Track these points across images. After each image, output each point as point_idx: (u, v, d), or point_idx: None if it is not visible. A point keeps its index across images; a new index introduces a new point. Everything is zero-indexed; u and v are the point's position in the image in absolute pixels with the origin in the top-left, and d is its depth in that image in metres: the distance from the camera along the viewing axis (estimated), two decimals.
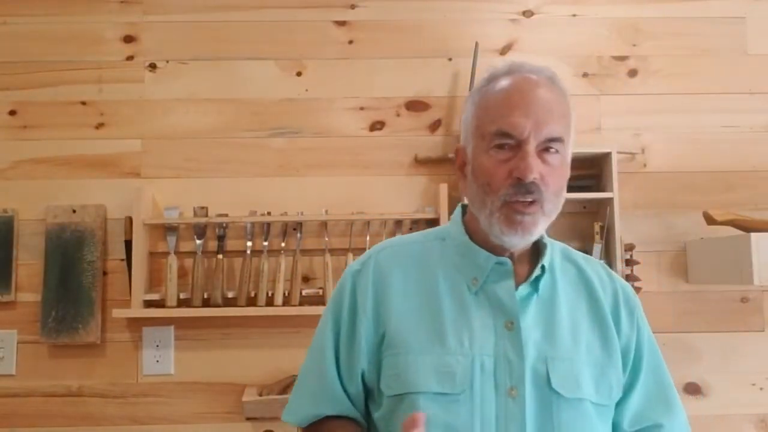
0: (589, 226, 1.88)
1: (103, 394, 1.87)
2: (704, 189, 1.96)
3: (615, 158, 1.83)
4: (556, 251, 1.05)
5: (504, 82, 0.95)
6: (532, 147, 0.91)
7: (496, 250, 0.98)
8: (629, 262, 1.83)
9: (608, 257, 1.83)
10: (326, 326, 1.06)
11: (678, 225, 1.94)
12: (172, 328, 1.88)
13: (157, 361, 1.87)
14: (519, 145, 0.92)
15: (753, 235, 1.62)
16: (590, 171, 1.91)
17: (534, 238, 0.96)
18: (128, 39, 1.98)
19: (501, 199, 0.92)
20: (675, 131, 1.98)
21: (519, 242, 0.96)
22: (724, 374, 1.90)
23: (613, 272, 1.08)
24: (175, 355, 1.88)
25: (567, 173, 0.98)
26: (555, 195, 0.95)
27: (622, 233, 1.84)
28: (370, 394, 1.01)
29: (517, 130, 0.91)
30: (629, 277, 1.82)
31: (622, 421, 1.01)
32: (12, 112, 1.95)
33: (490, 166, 0.93)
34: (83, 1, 1.98)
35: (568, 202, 1.94)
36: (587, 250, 1.84)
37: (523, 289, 0.97)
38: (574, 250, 1.09)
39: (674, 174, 1.97)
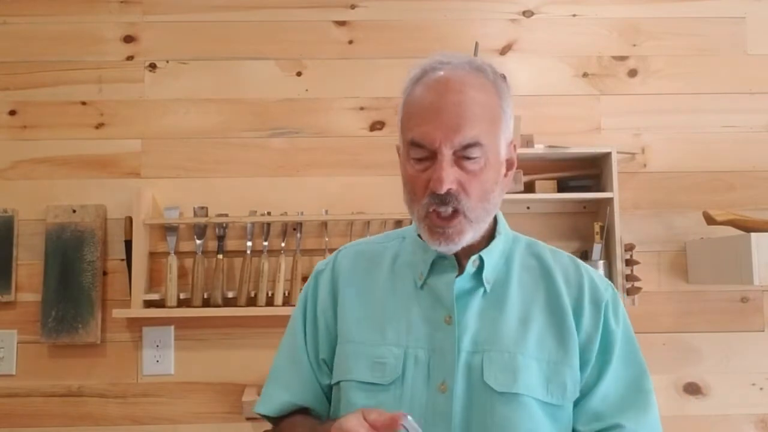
0: (589, 226, 1.88)
1: (103, 394, 1.87)
2: (704, 189, 1.96)
3: (615, 158, 1.83)
4: (519, 244, 1.03)
5: (420, 87, 0.93)
6: (446, 156, 0.87)
7: None
8: (629, 262, 1.83)
9: (608, 257, 1.83)
10: (295, 321, 1.09)
11: (678, 225, 1.95)
12: (172, 328, 1.88)
13: (157, 361, 1.87)
14: (434, 155, 0.89)
15: (753, 235, 1.62)
16: (590, 171, 1.91)
17: (462, 245, 0.93)
18: (128, 39, 1.98)
19: (423, 209, 0.91)
20: (675, 131, 1.98)
21: (447, 251, 0.93)
22: (724, 374, 1.90)
23: (586, 267, 1.02)
24: (175, 355, 1.88)
25: (494, 174, 0.92)
26: (479, 201, 0.90)
27: (622, 233, 1.84)
28: None
29: (427, 140, 0.88)
30: (629, 277, 1.82)
31: (577, 420, 0.95)
32: (12, 112, 1.95)
33: (412, 176, 0.92)
34: (83, 1, 1.98)
35: (568, 202, 1.97)
36: (587, 250, 1.84)
37: (462, 282, 0.95)
38: (542, 244, 1.05)
39: (674, 174, 1.97)
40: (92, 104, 1.96)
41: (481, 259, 0.96)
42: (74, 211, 1.89)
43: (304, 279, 1.88)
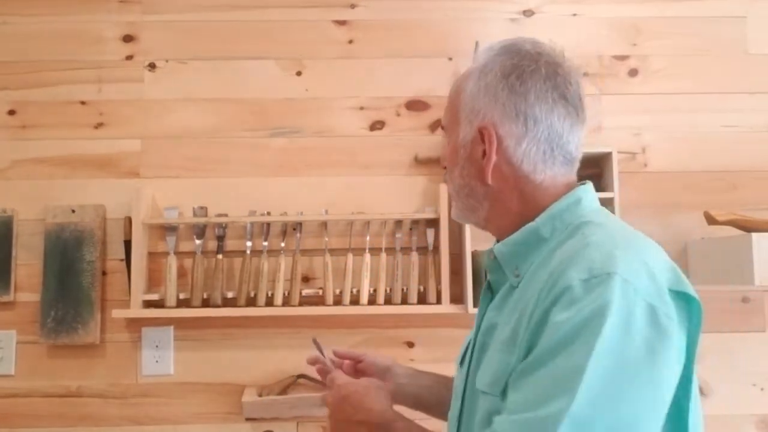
0: None
1: (103, 394, 1.87)
2: (705, 189, 1.96)
3: (615, 158, 1.82)
4: (576, 228, 0.88)
5: None
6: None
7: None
8: None
9: None
10: None
11: (678, 225, 1.94)
12: (171, 328, 1.88)
13: (157, 361, 1.87)
14: None
15: (754, 235, 1.61)
16: (590, 171, 1.91)
17: (455, 215, 1.01)
18: (128, 39, 1.98)
19: None
20: (675, 131, 1.98)
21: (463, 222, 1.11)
22: (725, 374, 1.90)
23: (582, 249, 0.81)
24: (175, 356, 1.88)
25: (453, 155, 0.97)
26: (450, 177, 0.99)
27: None
28: None
29: None
30: None
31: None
32: (11, 112, 1.95)
33: None
34: (83, 1, 1.98)
35: None
36: None
37: (492, 275, 0.98)
38: (600, 223, 0.87)
39: (675, 174, 1.96)
40: (92, 104, 1.96)
41: (493, 252, 0.95)
42: (73, 211, 1.89)
43: (304, 279, 1.88)
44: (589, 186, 0.94)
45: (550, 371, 0.74)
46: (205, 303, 1.83)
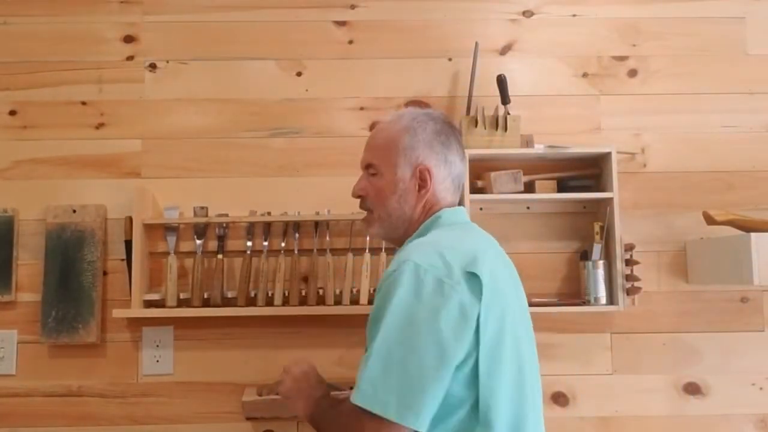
0: (589, 226, 1.88)
1: (103, 394, 1.87)
2: (704, 189, 1.96)
3: (615, 158, 1.83)
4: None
5: None
6: (363, 173, 1.35)
7: None
8: (629, 262, 1.83)
9: (608, 257, 1.83)
10: None
11: (678, 225, 1.95)
12: (171, 328, 1.88)
13: (157, 361, 1.87)
14: None
15: (753, 235, 1.62)
16: (590, 171, 1.91)
17: (375, 233, 1.34)
18: (128, 39, 1.98)
19: None
20: (675, 131, 1.98)
21: (370, 236, 1.46)
22: (724, 374, 1.90)
23: (400, 256, 1.15)
24: (175, 355, 1.88)
25: (390, 186, 1.28)
26: (378, 203, 1.30)
27: (622, 233, 1.84)
28: None
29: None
30: (629, 277, 1.82)
31: None
32: (12, 112, 1.95)
33: None
34: (83, 1, 1.99)
35: (568, 202, 1.97)
36: (587, 250, 1.84)
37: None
38: (416, 244, 1.20)
39: (674, 174, 1.97)
40: (92, 104, 1.96)
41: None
42: (74, 211, 1.89)
43: (304, 279, 1.88)
44: (460, 209, 1.32)
45: (369, 332, 1.12)
46: (206, 303, 1.84)
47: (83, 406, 1.87)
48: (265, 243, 1.87)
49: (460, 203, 1.38)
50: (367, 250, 1.84)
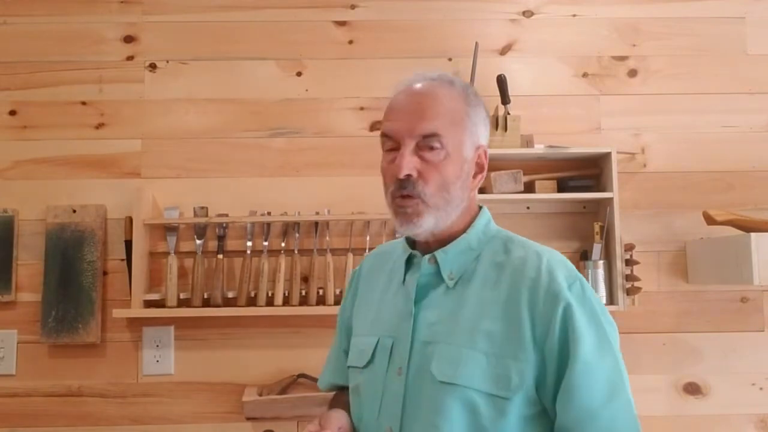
0: (589, 226, 1.88)
1: (103, 393, 1.87)
2: (704, 189, 1.96)
3: (615, 158, 1.83)
4: (496, 241, 1.08)
5: (397, 94, 1.07)
6: (408, 147, 1.00)
7: (420, 244, 1.09)
8: (629, 262, 1.83)
9: (608, 257, 1.83)
10: (339, 313, 1.27)
11: (678, 225, 1.95)
12: (172, 328, 1.88)
13: (157, 360, 1.87)
14: (399, 146, 1.02)
15: (753, 235, 1.62)
16: (590, 171, 1.91)
17: (423, 228, 1.02)
18: (128, 39, 1.98)
19: (390, 196, 1.04)
20: (675, 131, 1.98)
21: (411, 232, 1.04)
22: (724, 374, 1.90)
23: (551, 259, 1.02)
24: (175, 355, 1.88)
25: (455, 167, 1.02)
26: (439, 189, 1.01)
27: (622, 233, 1.84)
28: None
29: (393, 131, 1.02)
30: (629, 277, 1.82)
31: (561, 414, 0.96)
32: (12, 112, 1.95)
33: (384, 168, 1.05)
34: (83, 1, 1.99)
35: (568, 202, 1.97)
36: (587, 250, 1.84)
37: (424, 278, 1.06)
38: (519, 240, 1.08)
39: (674, 174, 1.97)
40: (92, 104, 1.96)
41: (436, 258, 1.05)
42: (74, 211, 1.89)
43: (304, 279, 1.88)
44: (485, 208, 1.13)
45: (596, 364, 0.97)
46: (206, 303, 1.84)
47: (83, 406, 1.87)
48: (265, 243, 1.87)
49: None
50: (367, 250, 1.84)
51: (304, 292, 1.85)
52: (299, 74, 1.98)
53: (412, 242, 1.11)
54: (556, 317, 0.96)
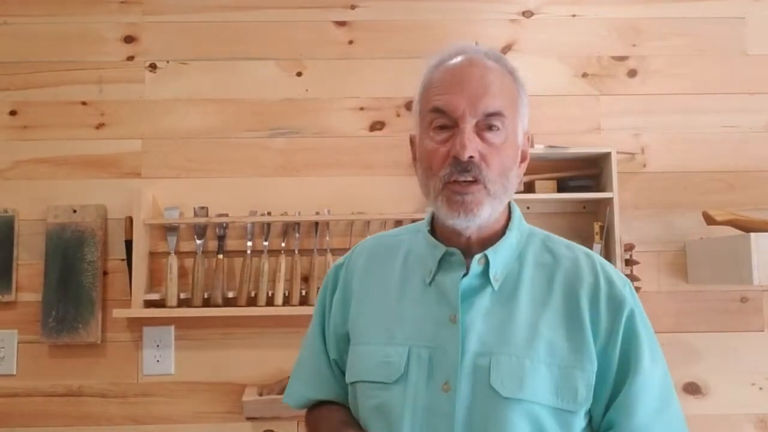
0: (589, 226, 1.89)
1: (104, 393, 1.87)
2: (704, 189, 1.96)
3: (615, 158, 1.83)
4: (534, 240, 1.00)
5: (441, 68, 0.95)
6: (468, 125, 0.89)
7: (453, 240, 0.96)
8: (629, 262, 1.83)
9: (608, 257, 1.83)
10: (315, 316, 1.10)
11: (678, 225, 1.95)
12: (172, 328, 1.88)
13: (158, 360, 1.87)
14: (456, 124, 0.90)
15: (753, 235, 1.62)
16: (590, 171, 1.91)
17: (480, 219, 0.91)
18: (128, 39, 1.98)
19: (442, 180, 0.90)
20: (675, 131, 1.98)
21: (465, 224, 0.92)
22: (724, 374, 1.90)
23: (603, 262, 0.97)
24: (176, 355, 1.88)
25: (513, 153, 0.95)
26: (500, 175, 0.91)
27: (621, 233, 1.84)
28: None
29: (451, 106, 0.90)
30: (629, 277, 1.81)
31: (613, 423, 0.91)
32: (12, 112, 1.95)
33: (431, 148, 0.92)
34: (83, 1, 1.99)
35: (568, 202, 1.97)
36: None
37: (469, 280, 0.93)
38: (558, 238, 1.01)
39: (674, 174, 1.97)
40: (93, 104, 1.96)
41: (487, 258, 0.94)
42: (75, 211, 1.89)
43: (304, 279, 1.89)
44: None
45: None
46: (206, 303, 1.84)
47: (83, 406, 1.87)
48: (266, 243, 1.87)
49: None
50: None
51: (304, 292, 1.85)
52: (299, 74, 1.98)
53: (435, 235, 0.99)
54: (619, 324, 0.91)
